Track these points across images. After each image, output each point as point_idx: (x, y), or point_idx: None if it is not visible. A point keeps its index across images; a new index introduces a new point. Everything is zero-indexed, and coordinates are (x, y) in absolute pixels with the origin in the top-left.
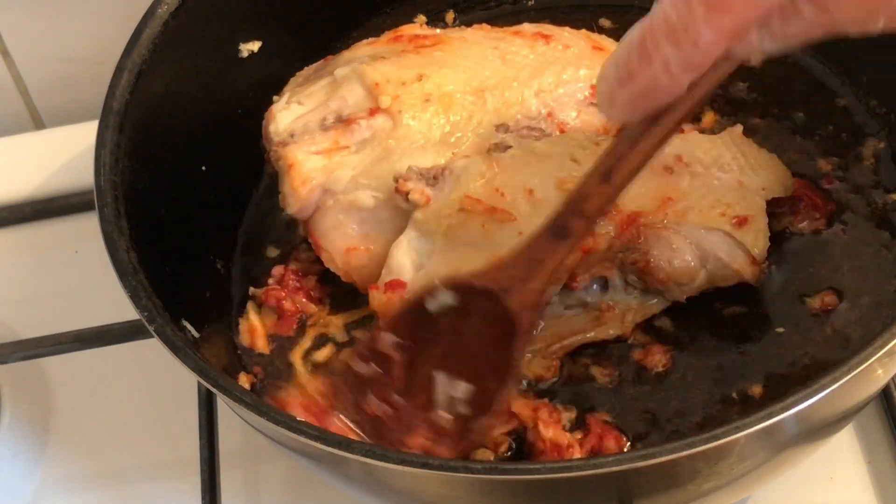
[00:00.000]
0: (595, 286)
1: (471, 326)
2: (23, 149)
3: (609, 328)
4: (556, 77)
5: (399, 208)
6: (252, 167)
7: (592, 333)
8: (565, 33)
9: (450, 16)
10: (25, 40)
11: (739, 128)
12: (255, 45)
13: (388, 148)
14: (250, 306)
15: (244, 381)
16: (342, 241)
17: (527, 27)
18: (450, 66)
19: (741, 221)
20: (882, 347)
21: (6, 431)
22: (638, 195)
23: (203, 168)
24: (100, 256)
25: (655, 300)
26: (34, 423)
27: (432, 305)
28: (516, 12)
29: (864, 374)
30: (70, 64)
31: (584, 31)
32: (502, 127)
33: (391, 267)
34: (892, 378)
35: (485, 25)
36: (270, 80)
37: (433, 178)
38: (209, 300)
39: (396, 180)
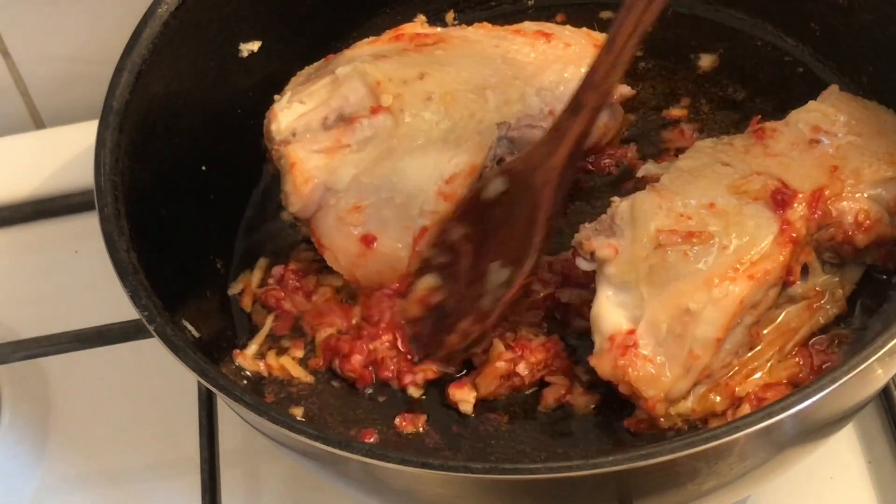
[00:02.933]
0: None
1: (511, 213)
2: (23, 149)
3: (829, 311)
4: (558, 75)
5: (402, 208)
6: (252, 167)
7: (819, 319)
8: (566, 32)
9: (450, 16)
10: (25, 40)
11: (836, 87)
12: (255, 45)
13: (390, 146)
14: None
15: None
16: (345, 241)
17: (528, 25)
18: (451, 64)
19: None
20: (882, 347)
21: (6, 431)
22: (806, 175)
23: (203, 168)
24: (100, 256)
25: (855, 268)
26: (34, 423)
27: (487, 193)
28: (516, 12)
29: (864, 374)
30: (70, 64)
31: (584, 29)
32: (504, 125)
33: (604, 333)
34: (892, 378)
35: (486, 24)
36: (270, 80)
37: (608, 228)
38: (209, 300)
39: (578, 244)
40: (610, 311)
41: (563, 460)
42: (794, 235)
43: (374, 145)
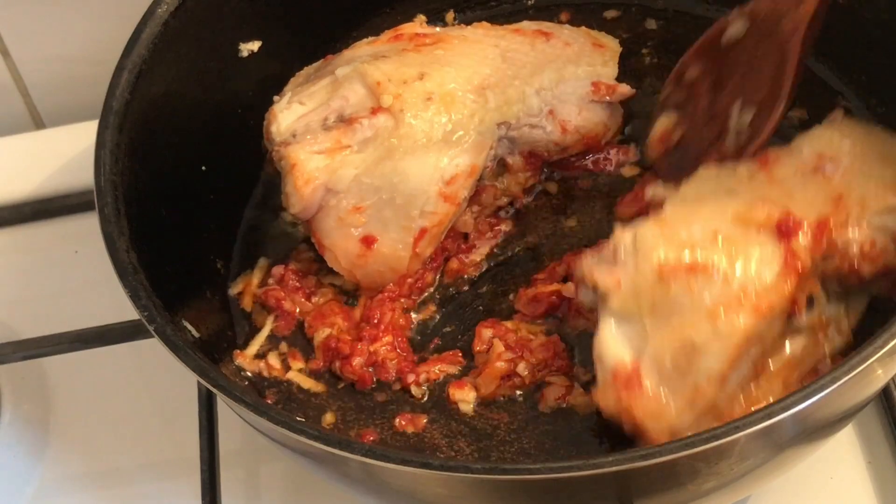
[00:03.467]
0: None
1: (754, 56)
2: (23, 149)
3: (834, 341)
4: (557, 74)
5: (403, 208)
6: (252, 167)
7: (825, 350)
8: (565, 31)
9: (450, 15)
10: (25, 40)
11: (840, 112)
12: (255, 45)
13: (391, 147)
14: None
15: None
16: (345, 241)
17: (526, 25)
18: (451, 64)
19: None
20: (882, 347)
21: (6, 431)
22: (810, 205)
23: (203, 168)
24: (100, 256)
25: (860, 297)
26: (34, 423)
27: (728, 34)
28: (516, 11)
29: (864, 374)
30: (70, 64)
31: (583, 28)
32: (504, 125)
33: (608, 366)
34: (892, 378)
35: (485, 23)
36: (270, 80)
37: (611, 259)
38: (209, 300)
39: (581, 277)
40: (613, 344)
41: (563, 460)
42: (800, 266)
43: (374, 146)
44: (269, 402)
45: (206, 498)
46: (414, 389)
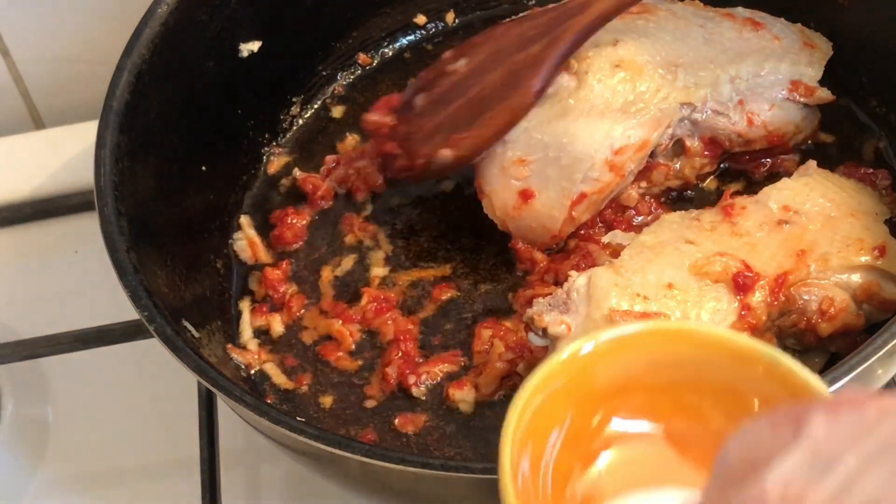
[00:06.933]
0: None
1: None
2: (23, 149)
3: None
4: (757, 66)
5: (566, 169)
6: (252, 167)
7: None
8: (778, 24)
9: (450, 15)
10: (25, 40)
11: (813, 163)
12: (255, 45)
13: (568, 107)
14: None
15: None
16: (504, 190)
17: (740, 11)
18: (649, 36)
19: (881, 251)
20: (882, 347)
21: (6, 431)
22: (771, 257)
23: (203, 168)
24: (100, 256)
25: (817, 357)
26: (34, 423)
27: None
28: (514, 13)
29: (864, 374)
30: (70, 64)
31: (799, 25)
32: (688, 106)
33: None
34: (893, 378)
35: (697, 2)
36: (270, 80)
37: (563, 304)
38: (209, 300)
39: (530, 320)
40: None
41: None
42: (753, 322)
43: (552, 102)
44: (268, 402)
45: (206, 498)
46: (414, 389)
